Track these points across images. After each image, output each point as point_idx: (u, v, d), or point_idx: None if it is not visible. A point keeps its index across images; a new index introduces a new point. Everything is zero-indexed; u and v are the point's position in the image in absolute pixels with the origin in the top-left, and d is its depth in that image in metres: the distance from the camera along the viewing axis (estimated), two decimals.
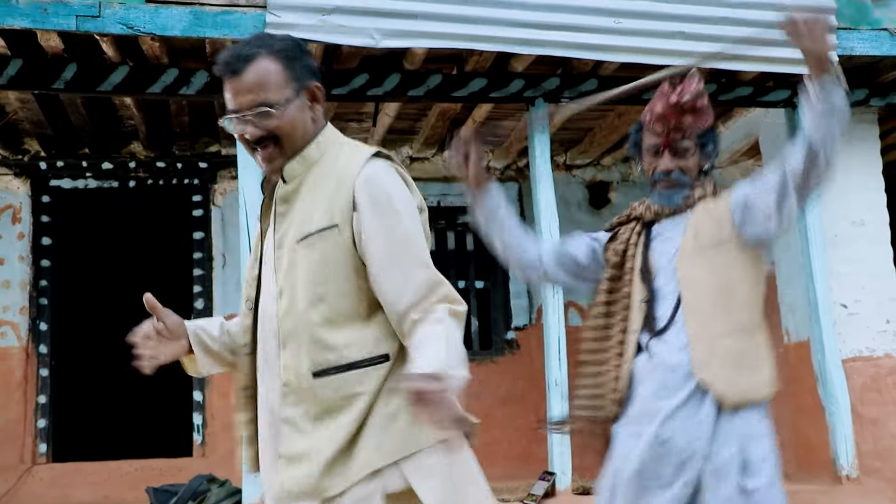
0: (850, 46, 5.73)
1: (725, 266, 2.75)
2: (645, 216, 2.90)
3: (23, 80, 5.18)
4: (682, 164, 2.85)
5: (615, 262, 2.90)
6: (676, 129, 2.84)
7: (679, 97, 2.81)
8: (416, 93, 5.67)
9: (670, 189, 2.86)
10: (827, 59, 2.65)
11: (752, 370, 2.77)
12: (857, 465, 5.72)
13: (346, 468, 2.03)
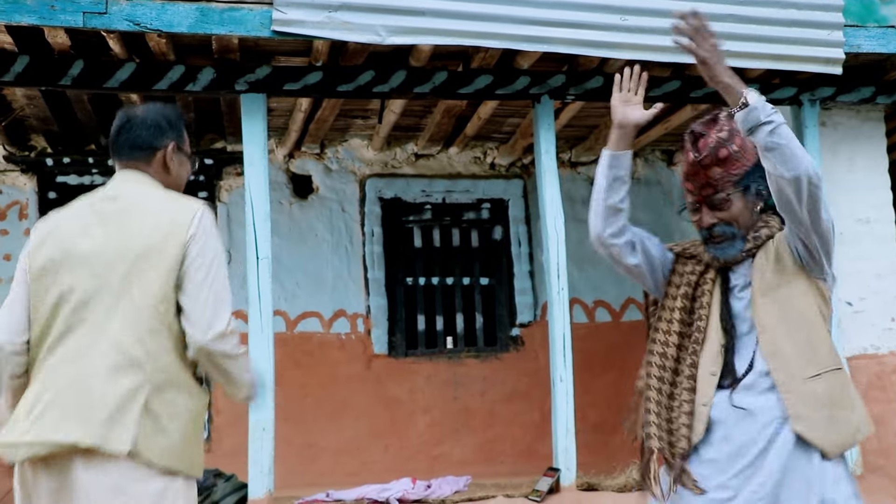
0: (856, 44, 5.72)
1: (797, 304, 2.69)
2: (713, 264, 2.82)
3: (30, 76, 5.19)
4: (724, 216, 2.75)
5: (684, 299, 2.82)
6: (707, 185, 2.74)
7: (697, 155, 2.73)
8: (421, 90, 5.67)
9: (720, 244, 2.78)
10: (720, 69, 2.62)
11: (847, 413, 2.68)
12: (861, 463, 5.73)
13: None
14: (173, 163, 2.70)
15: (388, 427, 7.28)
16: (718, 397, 2.67)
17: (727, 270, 2.80)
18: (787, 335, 2.65)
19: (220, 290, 2.48)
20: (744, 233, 2.77)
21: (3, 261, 6.92)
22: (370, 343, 7.41)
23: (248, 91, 5.43)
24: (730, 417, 2.64)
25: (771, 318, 2.67)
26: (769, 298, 2.69)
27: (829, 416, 2.60)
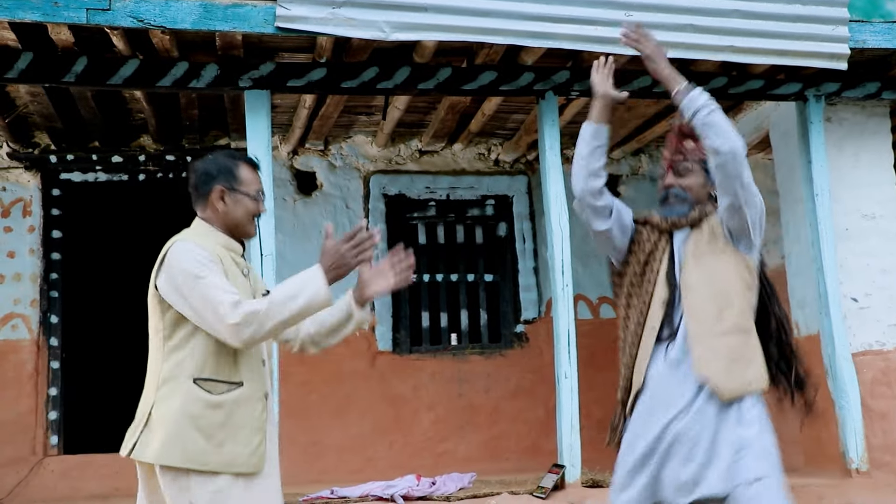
0: (862, 39, 5.70)
1: (720, 273, 3.18)
2: (661, 225, 3.32)
3: (33, 73, 5.18)
4: (683, 182, 3.31)
5: (639, 260, 3.33)
6: (678, 151, 3.32)
7: (680, 121, 3.27)
8: (425, 86, 5.66)
9: (671, 204, 3.32)
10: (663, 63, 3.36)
11: (744, 366, 3.12)
12: (866, 459, 5.71)
13: None
14: (221, 204, 3.02)
15: (392, 424, 7.28)
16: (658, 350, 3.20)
17: (672, 235, 3.31)
18: (706, 297, 3.14)
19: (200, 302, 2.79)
20: (693, 202, 3.30)
21: (7, 258, 6.93)
22: (374, 340, 7.41)
23: (252, 88, 5.42)
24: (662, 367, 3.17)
25: (695, 281, 3.17)
26: (697, 263, 3.19)
27: (727, 367, 3.08)
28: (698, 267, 3.19)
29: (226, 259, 2.96)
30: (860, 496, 5.36)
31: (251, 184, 3.06)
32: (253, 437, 2.91)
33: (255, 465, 2.90)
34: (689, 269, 3.20)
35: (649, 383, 3.20)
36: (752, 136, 7.06)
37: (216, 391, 2.86)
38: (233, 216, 3.04)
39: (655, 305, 3.24)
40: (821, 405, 5.93)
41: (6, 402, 6.73)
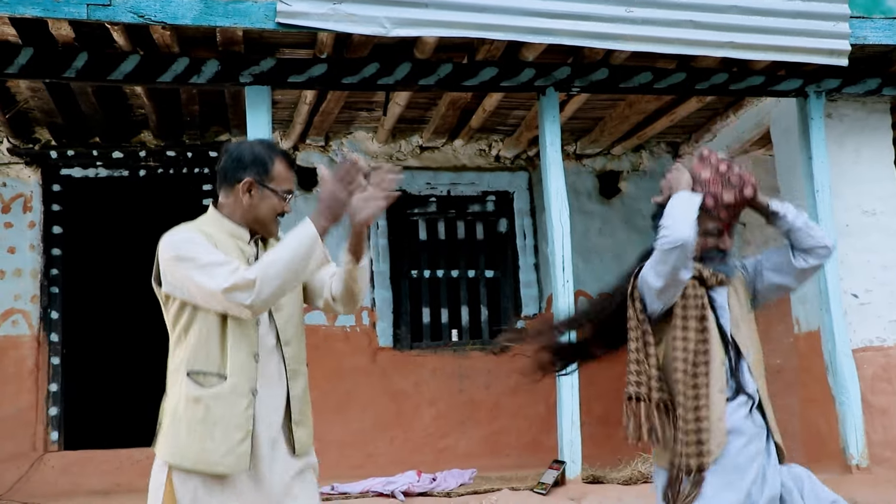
0: (862, 35, 5.70)
1: (754, 331, 3.20)
2: (710, 282, 3.18)
3: (34, 68, 5.18)
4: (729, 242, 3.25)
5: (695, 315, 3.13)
6: (736, 216, 3.23)
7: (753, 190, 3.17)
8: (426, 82, 5.66)
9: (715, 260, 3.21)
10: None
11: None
12: (867, 455, 5.72)
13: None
14: (248, 197, 2.87)
15: (393, 420, 7.28)
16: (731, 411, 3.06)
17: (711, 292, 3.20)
18: (758, 357, 3.16)
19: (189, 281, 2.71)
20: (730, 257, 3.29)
21: (8, 253, 6.93)
22: (375, 336, 7.41)
23: (253, 83, 5.42)
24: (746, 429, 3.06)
25: (746, 339, 3.15)
26: (744, 322, 3.17)
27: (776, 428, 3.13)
28: (745, 326, 3.18)
29: (227, 244, 2.82)
30: (860, 492, 5.36)
31: (283, 182, 2.92)
32: (231, 435, 2.73)
33: (231, 466, 2.72)
34: (741, 328, 3.17)
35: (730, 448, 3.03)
36: (753, 132, 7.06)
37: (208, 384, 2.75)
38: (257, 212, 2.90)
39: (716, 365, 3.07)
40: (822, 401, 5.95)
41: (7, 397, 6.73)
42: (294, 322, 2.94)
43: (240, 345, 2.79)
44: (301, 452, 2.95)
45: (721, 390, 3.06)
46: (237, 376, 2.77)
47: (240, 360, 2.78)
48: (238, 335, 2.78)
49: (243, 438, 2.75)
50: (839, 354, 5.82)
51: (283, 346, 2.88)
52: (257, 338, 2.82)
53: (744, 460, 3.00)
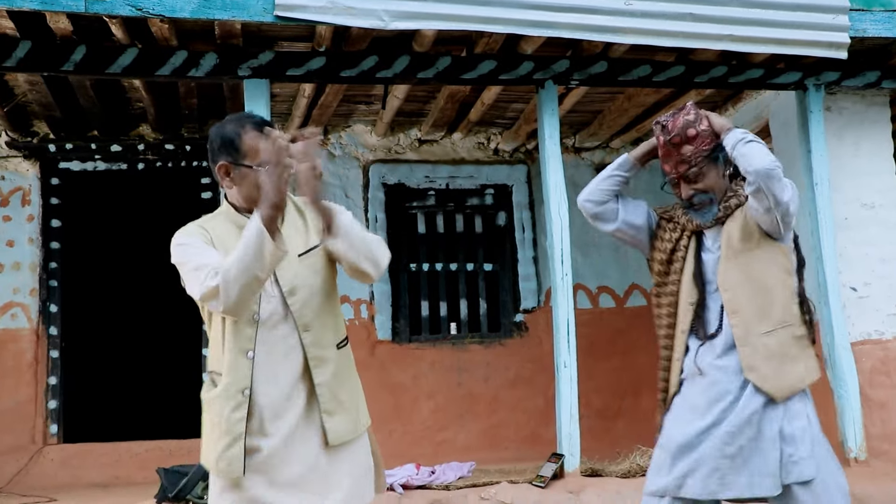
0: (862, 28, 5.69)
1: (758, 268, 3.13)
2: (687, 227, 3.28)
3: (32, 62, 5.17)
4: (699, 186, 3.22)
5: (661, 259, 3.30)
6: (680, 162, 3.22)
7: (667, 135, 3.19)
8: (425, 75, 5.65)
9: (700, 210, 3.25)
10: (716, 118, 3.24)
11: (793, 363, 3.10)
12: (865, 448, 5.73)
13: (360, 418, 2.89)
14: (228, 181, 2.77)
15: (392, 413, 7.29)
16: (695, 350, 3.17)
17: (701, 234, 3.26)
18: (747, 295, 3.11)
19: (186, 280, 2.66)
20: (718, 198, 3.24)
21: (7, 247, 6.93)
22: (374, 329, 7.41)
23: (251, 77, 5.41)
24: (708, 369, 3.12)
25: (734, 280, 3.13)
26: (733, 262, 3.14)
27: (777, 367, 3.06)
28: (736, 265, 3.14)
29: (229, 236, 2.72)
30: (858, 485, 5.37)
31: (255, 154, 2.72)
32: (221, 439, 2.68)
33: (224, 471, 2.67)
34: (726, 269, 3.15)
35: (687, 383, 3.18)
36: (752, 125, 7.05)
37: (219, 382, 2.72)
38: (244, 193, 2.77)
39: (684, 307, 3.21)
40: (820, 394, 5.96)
41: (6, 390, 6.74)
42: (313, 305, 2.77)
43: (232, 343, 2.70)
44: (337, 441, 2.75)
45: (684, 331, 3.20)
46: (229, 377, 2.70)
47: (231, 360, 2.70)
48: (231, 333, 2.70)
49: (230, 443, 2.67)
50: (838, 348, 5.83)
51: (302, 333, 2.74)
52: (254, 334, 2.71)
53: (702, 401, 3.10)
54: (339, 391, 2.80)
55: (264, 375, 2.71)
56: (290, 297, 2.74)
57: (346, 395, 2.83)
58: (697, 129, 3.17)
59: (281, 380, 2.72)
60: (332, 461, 2.74)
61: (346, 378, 2.87)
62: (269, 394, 2.70)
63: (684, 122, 3.17)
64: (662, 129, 3.21)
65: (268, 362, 2.72)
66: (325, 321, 2.80)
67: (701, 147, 3.18)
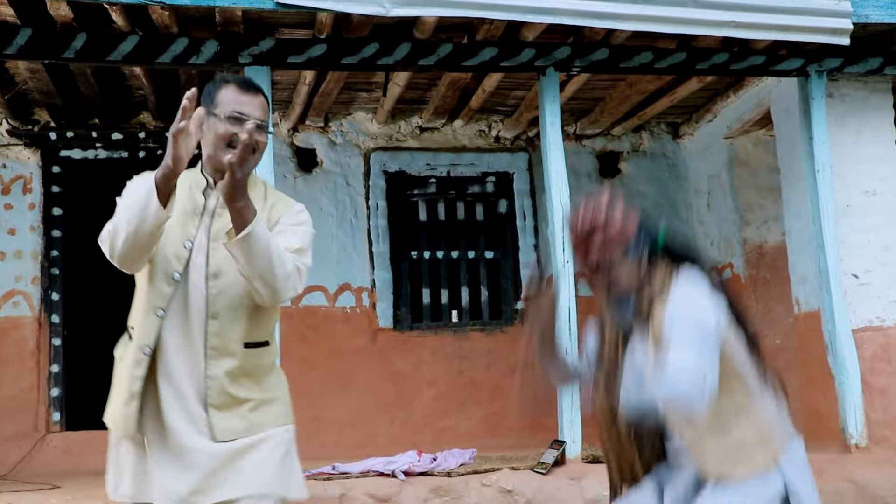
0: (864, 14, 5.67)
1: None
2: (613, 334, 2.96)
3: (32, 49, 5.16)
4: (613, 277, 2.87)
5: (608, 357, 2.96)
6: (590, 251, 2.86)
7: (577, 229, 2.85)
8: (426, 62, 5.64)
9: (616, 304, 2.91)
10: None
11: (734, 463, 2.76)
12: (866, 435, 5.74)
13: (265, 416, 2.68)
14: (200, 133, 2.59)
15: (393, 400, 7.30)
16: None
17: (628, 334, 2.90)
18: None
19: None
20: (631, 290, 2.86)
21: (8, 235, 6.93)
22: (375, 317, 7.42)
23: (252, 64, 5.40)
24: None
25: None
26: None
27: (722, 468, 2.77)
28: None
29: (181, 193, 2.62)
30: (859, 471, 5.39)
31: (227, 105, 2.66)
32: (119, 395, 2.64)
33: (119, 430, 2.63)
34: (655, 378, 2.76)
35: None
36: (754, 112, 7.04)
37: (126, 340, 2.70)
38: (208, 148, 2.70)
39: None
40: (821, 381, 5.97)
41: (8, 378, 6.75)
42: (231, 294, 2.64)
43: (145, 297, 2.65)
44: (222, 439, 2.61)
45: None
46: (136, 332, 2.65)
47: (141, 315, 2.65)
48: (146, 288, 2.65)
49: (127, 400, 2.61)
50: (839, 335, 5.83)
51: (209, 319, 2.63)
52: (170, 295, 2.62)
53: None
54: (235, 389, 2.64)
55: (173, 339, 2.63)
56: (211, 279, 2.65)
57: (241, 392, 2.65)
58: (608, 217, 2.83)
59: (187, 356, 2.63)
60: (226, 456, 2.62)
61: (246, 378, 2.67)
62: (172, 363, 2.63)
63: (592, 211, 2.84)
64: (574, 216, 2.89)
65: (180, 327, 2.63)
66: (239, 315, 2.66)
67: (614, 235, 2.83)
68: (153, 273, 2.64)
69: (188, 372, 2.62)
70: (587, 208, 2.83)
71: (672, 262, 2.83)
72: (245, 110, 2.66)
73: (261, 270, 2.51)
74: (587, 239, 2.84)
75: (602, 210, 2.82)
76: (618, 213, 2.83)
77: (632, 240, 2.85)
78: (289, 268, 2.59)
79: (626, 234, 2.83)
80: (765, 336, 7.22)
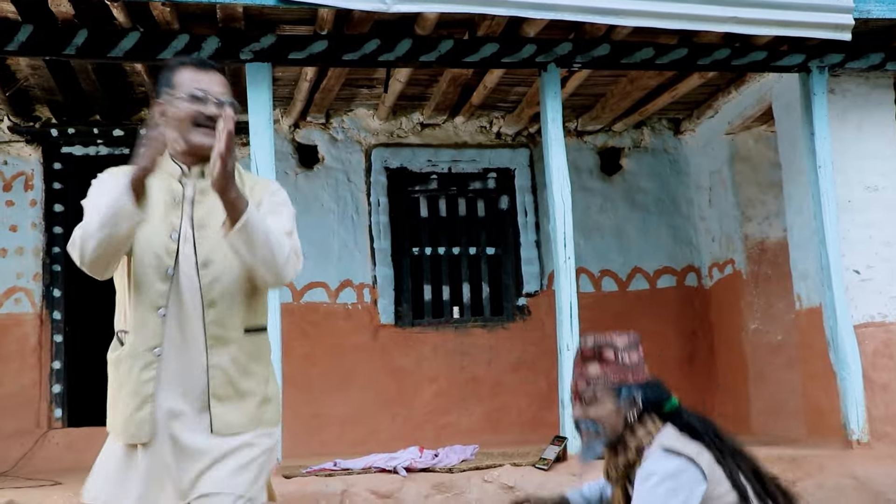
0: (866, 10, 5.67)
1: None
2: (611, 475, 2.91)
3: (34, 46, 5.16)
4: (593, 413, 2.81)
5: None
6: (581, 377, 2.83)
7: (583, 346, 2.82)
8: (427, 58, 5.64)
9: (588, 440, 2.87)
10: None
11: None
12: (867, 430, 5.73)
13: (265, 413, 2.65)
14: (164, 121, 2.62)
15: (395, 396, 7.31)
16: None
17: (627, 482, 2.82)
18: None
19: None
20: (610, 436, 2.80)
21: (10, 231, 6.94)
22: (377, 313, 7.42)
23: (254, 60, 5.40)
24: None
25: None
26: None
27: None
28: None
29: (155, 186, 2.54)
30: (861, 467, 5.39)
31: (186, 85, 2.62)
32: (130, 401, 2.52)
33: (133, 436, 2.52)
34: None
35: None
36: (755, 108, 7.04)
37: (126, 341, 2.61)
38: (174, 133, 2.63)
39: None
40: (823, 377, 5.97)
41: (10, 375, 6.76)
42: (225, 281, 2.59)
43: (140, 298, 2.57)
44: (223, 432, 2.55)
45: None
46: (136, 334, 2.57)
47: (140, 316, 2.58)
48: (139, 288, 2.58)
49: (140, 405, 2.52)
50: (840, 330, 5.83)
51: (206, 309, 2.57)
52: (167, 290, 2.57)
53: None
54: (237, 378, 2.59)
55: (176, 341, 2.58)
56: (202, 268, 2.58)
57: (246, 384, 2.61)
58: (615, 356, 2.82)
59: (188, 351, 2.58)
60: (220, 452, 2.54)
61: (251, 366, 2.63)
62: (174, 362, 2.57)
63: (607, 342, 2.83)
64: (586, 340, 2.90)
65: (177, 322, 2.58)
66: (236, 301, 2.61)
67: (612, 373, 2.80)
68: (142, 272, 2.57)
69: (188, 366, 2.57)
70: (603, 337, 2.81)
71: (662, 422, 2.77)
72: (204, 86, 2.63)
73: (263, 257, 2.50)
74: (585, 362, 2.83)
75: (615, 347, 2.80)
76: (629, 358, 2.81)
77: (628, 388, 2.79)
78: (286, 249, 2.56)
79: (625, 380, 2.79)
80: (766, 332, 7.24)
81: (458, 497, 5.10)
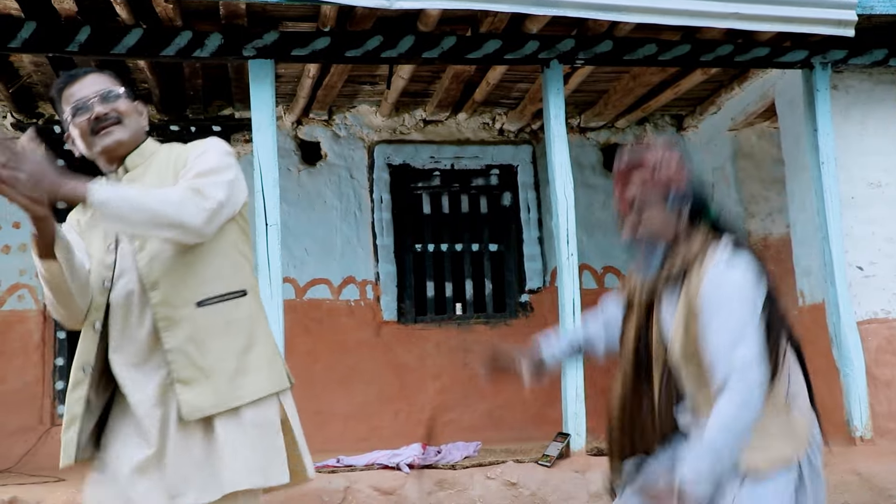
0: (869, 5, 5.66)
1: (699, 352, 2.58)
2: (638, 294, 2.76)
3: (37, 42, 5.16)
4: (644, 217, 2.67)
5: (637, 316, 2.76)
6: (628, 185, 2.70)
7: (624, 161, 2.70)
8: (430, 55, 5.63)
9: (644, 252, 2.71)
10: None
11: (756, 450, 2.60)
12: (871, 427, 5.73)
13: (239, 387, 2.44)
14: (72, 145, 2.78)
15: (397, 393, 7.31)
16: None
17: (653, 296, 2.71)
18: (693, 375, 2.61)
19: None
20: (662, 240, 2.68)
21: (13, 228, 6.95)
22: (379, 310, 7.42)
23: (256, 57, 5.40)
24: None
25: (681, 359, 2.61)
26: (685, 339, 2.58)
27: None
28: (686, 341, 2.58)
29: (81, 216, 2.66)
30: (864, 463, 5.39)
31: (67, 104, 2.68)
32: (66, 424, 2.48)
33: (65, 459, 2.46)
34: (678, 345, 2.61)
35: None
36: (758, 104, 7.03)
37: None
38: (82, 149, 2.73)
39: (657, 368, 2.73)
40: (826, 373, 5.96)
41: (13, 371, 6.77)
42: (163, 259, 2.47)
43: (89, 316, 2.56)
44: (193, 416, 2.38)
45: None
46: (77, 351, 2.56)
47: (83, 333, 2.56)
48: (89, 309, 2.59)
49: (67, 425, 2.47)
50: (844, 327, 5.83)
51: (150, 291, 2.45)
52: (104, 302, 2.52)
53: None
54: (198, 356, 2.41)
55: (118, 344, 2.49)
56: (139, 252, 2.50)
57: (211, 359, 2.42)
58: (655, 159, 2.68)
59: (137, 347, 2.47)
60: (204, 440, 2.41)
61: (213, 341, 2.44)
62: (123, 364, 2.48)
63: (648, 150, 2.71)
64: (624, 152, 2.76)
65: (123, 330, 2.49)
66: (181, 276, 2.46)
67: (657, 177, 2.67)
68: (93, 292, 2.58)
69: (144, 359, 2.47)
70: (641, 145, 2.72)
71: (715, 231, 2.66)
72: (79, 97, 2.65)
73: (145, 222, 2.37)
74: (630, 172, 2.70)
75: (658, 151, 2.69)
76: (673, 160, 2.69)
77: (677, 190, 2.67)
78: (175, 197, 2.39)
79: (674, 183, 2.67)
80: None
81: (461, 494, 5.11)
